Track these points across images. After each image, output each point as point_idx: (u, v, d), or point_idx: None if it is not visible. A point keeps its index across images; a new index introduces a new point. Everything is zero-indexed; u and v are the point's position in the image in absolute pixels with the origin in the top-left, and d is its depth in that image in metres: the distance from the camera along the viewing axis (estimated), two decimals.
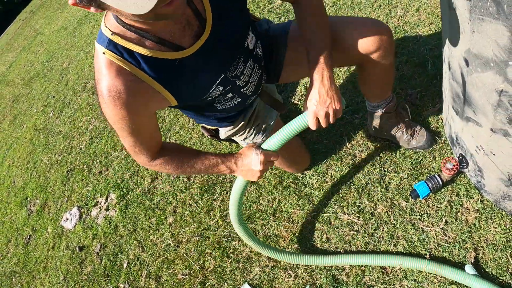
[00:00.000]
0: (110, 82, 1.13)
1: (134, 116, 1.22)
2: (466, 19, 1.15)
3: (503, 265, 1.58)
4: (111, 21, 1.12)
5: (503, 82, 1.13)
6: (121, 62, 1.13)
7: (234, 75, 1.43)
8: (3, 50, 7.29)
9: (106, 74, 1.13)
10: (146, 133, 1.33)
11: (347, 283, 1.80)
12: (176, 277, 2.23)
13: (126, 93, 1.16)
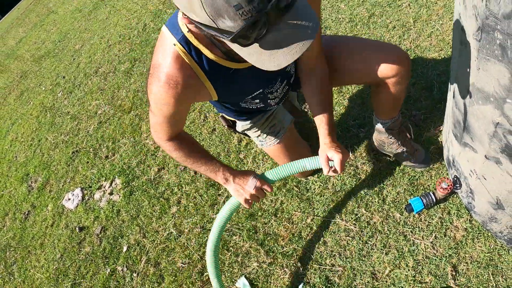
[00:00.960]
0: (171, 71, 1.30)
1: (178, 105, 1.40)
2: (474, 57, 1.30)
3: (484, 282, 1.73)
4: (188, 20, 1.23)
5: (500, 116, 1.26)
6: (187, 58, 1.31)
7: (269, 91, 1.64)
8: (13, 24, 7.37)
9: (170, 63, 1.29)
10: (176, 119, 1.51)
11: (338, 284, 1.96)
12: (175, 264, 2.38)
13: (182, 86, 1.33)
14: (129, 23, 4.89)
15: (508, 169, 1.38)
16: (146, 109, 3.51)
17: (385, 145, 2.15)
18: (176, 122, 1.54)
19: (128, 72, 4.10)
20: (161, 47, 1.32)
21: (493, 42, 1.13)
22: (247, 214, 2.36)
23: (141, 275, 2.45)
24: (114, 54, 4.53)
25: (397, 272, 1.89)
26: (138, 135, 3.32)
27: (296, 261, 2.11)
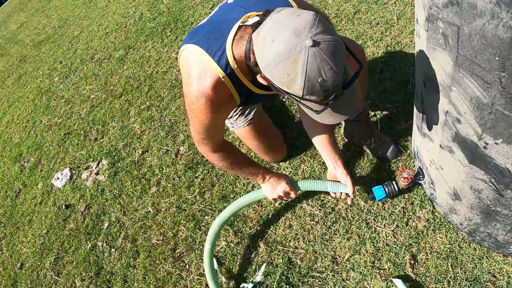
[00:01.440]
0: (215, 97, 1.51)
1: (220, 120, 1.66)
2: (425, 47, 1.37)
3: (442, 272, 1.78)
4: (239, 56, 1.46)
5: (448, 104, 1.32)
6: (230, 88, 1.54)
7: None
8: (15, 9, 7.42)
9: (213, 90, 1.49)
10: (216, 131, 1.71)
11: (300, 266, 2.03)
12: (150, 241, 2.46)
13: (223, 107, 1.60)
14: (126, 11, 4.95)
15: (460, 158, 1.44)
16: (136, 94, 3.58)
17: (354, 137, 2.21)
18: (216, 134, 1.73)
19: (122, 59, 4.16)
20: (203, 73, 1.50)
21: (437, 31, 1.19)
22: (220, 195, 2.44)
23: (118, 250, 2.53)
24: (110, 42, 4.59)
25: (357, 258, 1.95)
26: (127, 119, 3.39)
27: (262, 242, 2.18)
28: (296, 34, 1.12)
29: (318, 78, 1.13)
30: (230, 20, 1.50)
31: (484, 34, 0.96)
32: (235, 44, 1.44)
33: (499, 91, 1.03)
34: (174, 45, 3.88)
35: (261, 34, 1.21)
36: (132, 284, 2.34)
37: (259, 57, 1.22)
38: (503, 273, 1.69)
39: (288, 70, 1.14)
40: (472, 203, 1.57)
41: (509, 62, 0.94)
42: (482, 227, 1.64)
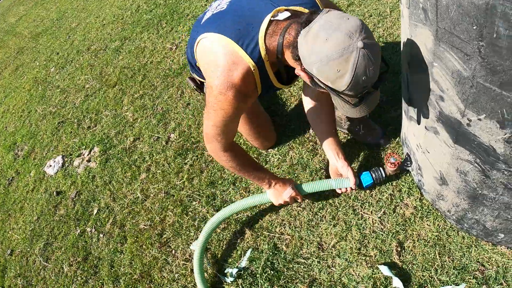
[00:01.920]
0: (244, 88, 1.55)
1: (240, 111, 1.67)
2: (407, 25, 1.36)
3: (429, 260, 1.75)
4: (271, 49, 1.53)
5: (431, 81, 1.31)
6: (258, 79, 1.58)
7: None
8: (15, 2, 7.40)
9: (242, 80, 1.53)
10: (234, 125, 1.73)
11: (285, 252, 2.01)
12: (138, 226, 2.44)
13: (249, 98, 1.63)
14: (124, 3, 4.93)
15: (445, 138, 1.43)
16: (130, 84, 3.57)
17: (342, 122, 2.19)
18: (231, 130, 1.74)
19: (117, 50, 4.15)
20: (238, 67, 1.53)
21: (417, 7, 1.18)
22: (208, 181, 2.42)
23: (106, 236, 2.51)
24: (107, 33, 4.58)
25: (343, 244, 1.93)
26: (120, 107, 3.37)
27: (248, 228, 2.16)
28: (349, 35, 1.22)
29: (363, 76, 1.25)
30: (258, 12, 1.54)
31: (460, 3, 0.94)
32: (268, 37, 1.50)
33: (479, 62, 1.01)
34: (169, 36, 3.86)
35: (312, 31, 1.29)
36: (119, 269, 2.32)
37: (308, 53, 1.31)
38: (492, 262, 1.67)
39: (339, 67, 1.24)
40: (458, 187, 1.55)
41: (486, 30, 0.92)
42: (469, 213, 1.62)
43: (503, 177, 1.29)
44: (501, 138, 1.16)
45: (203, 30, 1.63)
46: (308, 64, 1.33)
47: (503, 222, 1.52)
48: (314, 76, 1.36)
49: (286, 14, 1.49)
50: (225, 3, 1.68)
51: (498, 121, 1.11)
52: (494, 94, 1.05)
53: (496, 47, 0.94)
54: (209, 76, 1.59)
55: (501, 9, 0.86)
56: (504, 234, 1.60)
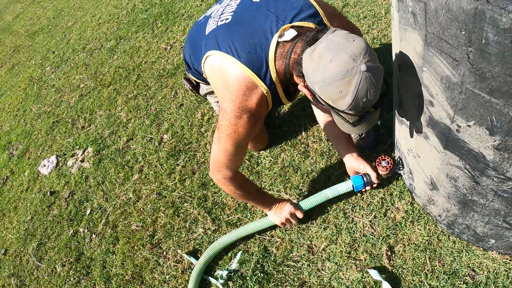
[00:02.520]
0: (258, 111, 1.58)
1: (253, 133, 1.67)
2: (397, 29, 1.33)
3: (420, 265, 1.73)
4: (280, 71, 1.54)
5: (421, 86, 1.28)
6: (270, 101, 1.60)
7: None
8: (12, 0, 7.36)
9: (257, 105, 1.56)
10: (242, 153, 1.73)
11: (275, 254, 1.98)
12: (130, 227, 2.41)
13: (262, 118, 1.66)
14: (120, 2, 4.89)
15: (435, 144, 1.40)
16: (124, 84, 3.53)
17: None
18: (243, 154, 1.75)
19: (112, 50, 4.11)
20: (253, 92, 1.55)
21: (407, 10, 1.15)
22: (200, 183, 2.39)
23: (99, 236, 2.49)
24: (102, 32, 4.54)
25: (333, 248, 1.91)
26: (114, 108, 3.34)
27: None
28: (353, 58, 1.23)
29: (363, 98, 1.27)
30: (265, 30, 1.54)
31: (449, 8, 0.92)
32: (277, 60, 1.52)
33: (468, 68, 0.98)
34: (164, 36, 3.83)
35: (317, 51, 1.30)
36: (111, 270, 2.30)
37: (312, 72, 1.32)
38: (482, 268, 1.65)
39: (341, 88, 1.26)
40: (449, 193, 1.52)
41: (475, 35, 0.89)
42: (460, 218, 1.60)
43: (493, 184, 1.27)
44: (490, 145, 1.13)
45: (211, 45, 1.62)
46: (311, 82, 1.35)
47: (494, 228, 1.49)
48: (316, 93, 1.37)
49: (292, 33, 1.50)
50: (229, 13, 1.66)
51: (488, 128, 1.09)
52: (483, 100, 1.02)
53: (485, 53, 0.91)
54: (223, 99, 1.59)
55: (489, 14, 0.83)
56: (495, 240, 1.57)
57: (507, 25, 0.82)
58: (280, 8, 1.58)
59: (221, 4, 1.78)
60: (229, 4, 1.71)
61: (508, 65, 0.89)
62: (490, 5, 0.82)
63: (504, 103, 0.98)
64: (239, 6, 1.66)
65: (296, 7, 1.58)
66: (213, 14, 1.74)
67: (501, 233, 1.50)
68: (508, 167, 1.16)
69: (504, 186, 1.25)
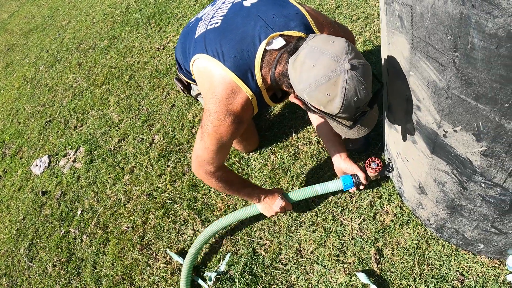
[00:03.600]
0: (243, 114, 1.56)
1: (236, 134, 1.63)
2: (385, 32, 1.30)
3: (408, 269, 1.71)
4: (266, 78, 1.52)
5: (408, 90, 1.26)
6: (255, 105, 1.58)
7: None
8: None
9: (242, 109, 1.54)
10: (228, 148, 1.70)
11: (264, 257, 1.96)
12: (120, 228, 2.39)
13: (246, 121, 1.62)
14: (114, 2, 4.84)
15: (422, 148, 1.38)
16: (117, 84, 3.49)
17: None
18: (227, 150, 1.73)
19: (106, 49, 4.06)
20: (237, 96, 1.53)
21: (394, 14, 1.13)
22: (190, 184, 2.37)
23: (90, 237, 2.46)
24: (96, 32, 4.49)
25: (321, 251, 1.89)
26: (106, 108, 3.30)
27: (227, 232, 2.11)
28: (335, 58, 1.21)
29: (354, 97, 1.23)
30: (253, 36, 1.51)
31: (435, 12, 0.89)
32: (264, 67, 1.50)
33: (454, 73, 0.96)
34: (157, 36, 3.79)
35: (299, 59, 1.28)
36: (101, 271, 2.27)
37: (298, 81, 1.30)
38: (471, 272, 1.63)
39: (328, 91, 1.23)
40: (437, 197, 1.50)
41: (460, 40, 0.87)
42: (448, 222, 1.58)
43: (480, 190, 1.25)
44: (477, 151, 1.10)
45: (199, 49, 1.61)
46: (299, 91, 1.32)
47: (482, 233, 1.47)
48: (306, 102, 1.34)
49: (280, 42, 1.48)
50: (219, 17, 1.63)
51: (474, 133, 1.06)
52: (469, 106, 1.00)
53: (471, 59, 0.89)
54: (207, 102, 1.58)
55: (475, 19, 0.81)
56: (484, 244, 1.55)
57: (493, 30, 0.79)
58: (271, 15, 1.55)
59: (213, 6, 1.75)
60: (220, 7, 1.69)
61: (494, 71, 0.87)
62: (476, 10, 0.79)
63: (490, 109, 0.96)
64: (230, 11, 1.63)
65: (287, 15, 1.55)
66: (204, 17, 1.71)
67: (490, 238, 1.48)
68: (495, 173, 1.14)
69: (491, 192, 1.22)
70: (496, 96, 0.92)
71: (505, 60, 0.83)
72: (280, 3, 1.61)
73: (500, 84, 0.88)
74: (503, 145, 1.02)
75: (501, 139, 1.01)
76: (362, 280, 1.72)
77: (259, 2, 1.62)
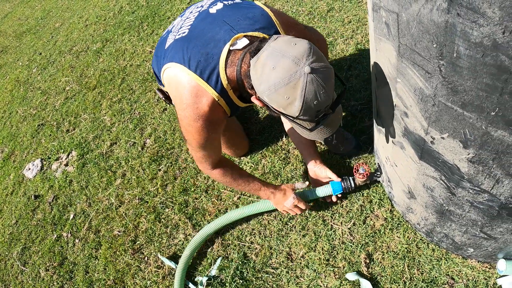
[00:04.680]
0: (212, 116, 1.53)
1: (214, 136, 1.64)
2: (373, 38, 1.29)
3: (399, 273, 1.70)
4: (231, 78, 1.49)
5: (395, 97, 1.25)
6: (224, 105, 1.56)
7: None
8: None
9: (209, 111, 1.52)
10: (213, 147, 1.70)
11: (255, 261, 1.94)
12: (112, 232, 2.37)
13: (219, 124, 1.61)
14: (107, 4, 4.81)
15: (411, 154, 1.37)
16: (109, 87, 3.47)
17: None
18: (216, 147, 1.73)
19: (98, 52, 4.03)
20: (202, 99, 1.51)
21: (381, 20, 1.11)
22: (181, 188, 2.35)
23: (82, 241, 2.44)
24: (89, 34, 4.46)
25: (312, 255, 1.87)
26: (98, 111, 3.28)
27: (219, 236, 2.09)
28: (295, 62, 1.19)
29: (314, 100, 1.22)
30: (218, 41, 1.50)
31: (420, 20, 0.88)
32: (228, 67, 1.47)
33: (440, 81, 0.95)
34: (150, 39, 3.76)
35: (260, 60, 1.26)
36: (93, 275, 2.25)
37: (258, 82, 1.27)
38: (462, 276, 1.62)
39: (287, 94, 1.21)
40: (426, 202, 1.49)
41: (446, 48, 0.85)
42: (438, 227, 1.57)
43: (468, 195, 1.23)
44: (464, 158, 1.09)
45: (168, 59, 1.59)
46: (259, 92, 1.30)
47: (472, 237, 1.46)
48: (267, 103, 1.32)
49: (244, 42, 1.47)
50: (187, 26, 1.63)
51: (461, 141, 1.05)
52: (456, 114, 0.99)
53: (456, 67, 0.87)
54: (178, 109, 1.58)
55: (460, 27, 0.79)
56: (474, 249, 1.54)
57: (478, 39, 0.78)
58: (235, 19, 1.55)
59: (182, 17, 1.75)
60: (188, 17, 1.68)
61: (480, 79, 0.85)
62: (461, 19, 0.78)
63: (477, 117, 0.95)
64: (196, 19, 1.63)
65: (252, 17, 1.55)
66: (174, 29, 1.71)
67: (479, 242, 1.47)
68: (483, 180, 1.12)
69: (479, 198, 1.21)
70: (482, 104, 0.90)
71: (491, 69, 0.81)
72: (246, 6, 1.61)
73: (486, 92, 0.87)
74: (490, 152, 1.01)
75: (488, 147, 1.00)
76: (351, 278, 1.71)
77: (224, 8, 1.62)
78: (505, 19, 0.71)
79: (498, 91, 0.84)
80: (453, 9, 0.77)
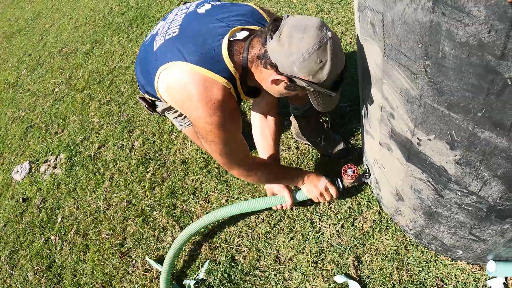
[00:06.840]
0: (227, 104, 1.45)
1: (236, 131, 1.57)
2: (359, 39, 1.27)
3: (387, 275, 1.68)
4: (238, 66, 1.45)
5: (382, 98, 1.22)
6: (234, 93, 1.49)
7: None
8: None
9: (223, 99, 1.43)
10: (239, 146, 1.63)
11: (242, 264, 1.91)
12: (100, 235, 2.32)
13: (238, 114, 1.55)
14: (97, 5, 4.76)
15: (398, 156, 1.34)
16: (98, 89, 3.42)
17: (303, 134, 2.09)
18: (242, 147, 1.66)
19: (87, 53, 3.98)
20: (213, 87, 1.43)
21: (366, 21, 1.09)
22: (169, 191, 2.32)
23: (70, 244, 2.40)
24: (78, 35, 4.41)
25: (300, 257, 1.85)
26: (87, 113, 3.23)
27: (206, 239, 2.06)
28: (319, 29, 1.27)
29: (338, 61, 1.31)
30: (214, 35, 1.47)
31: (405, 20, 0.85)
32: (234, 56, 1.44)
33: (426, 82, 0.92)
34: (139, 41, 3.72)
35: (284, 34, 1.29)
36: (81, 278, 2.21)
37: (287, 54, 1.29)
38: (451, 278, 1.60)
39: (320, 58, 1.27)
40: (414, 204, 1.47)
41: (431, 48, 0.83)
42: (427, 229, 1.55)
43: (456, 197, 1.21)
44: (451, 159, 1.07)
45: (162, 59, 1.50)
46: (288, 65, 1.31)
47: (460, 239, 1.44)
48: (293, 76, 1.33)
49: (244, 33, 1.47)
50: (176, 27, 1.55)
51: (448, 142, 1.02)
52: (442, 115, 0.96)
53: (442, 67, 0.85)
54: (188, 113, 1.48)
55: (445, 27, 0.77)
56: (463, 251, 1.52)
57: (464, 38, 0.75)
58: (227, 16, 1.54)
59: (165, 20, 1.66)
60: (174, 19, 1.61)
61: (466, 80, 0.83)
62: (446, 18, 0.75)
63: (463, 118, 0.92)
64: (185, 20, 1.56)
65: (243, 14, 1.56)
66: (159, 31, 1.62)
67: (468, 244, 1.45)
68: (471, 182, 1.10)
69: (467, 200, 1.19)
70: (469, 105, 0.88)
71: (477, 69, 0.79)
72: (235, 5, 1.61)
73: (472, 93, 0.84)
74: (477, 154, 0.99)
75: (475, 148, 0.97)
76: (339, 281, 1.68)
77: (213, 8, 1.59)
78: (491, 18, 0.68)
79: (484, 92, 0.82)
80: (438, 8, 0.75)
